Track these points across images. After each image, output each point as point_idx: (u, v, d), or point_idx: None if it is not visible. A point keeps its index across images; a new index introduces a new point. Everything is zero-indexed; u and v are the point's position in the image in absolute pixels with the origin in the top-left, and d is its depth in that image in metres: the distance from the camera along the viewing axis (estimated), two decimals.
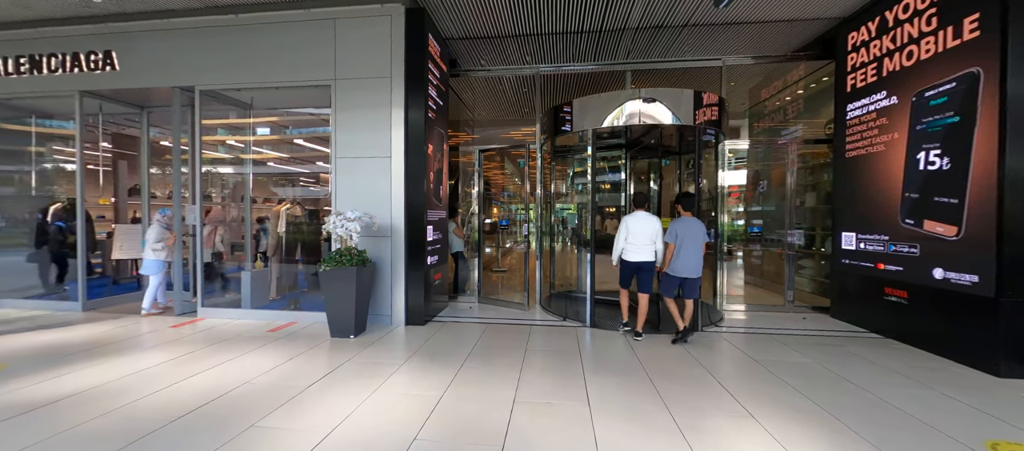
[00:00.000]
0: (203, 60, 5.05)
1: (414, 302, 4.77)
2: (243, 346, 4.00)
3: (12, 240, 6.18)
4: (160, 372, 3.34)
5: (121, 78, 5.23)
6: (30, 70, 5.38)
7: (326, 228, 4.36)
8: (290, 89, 5.04)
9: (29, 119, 6.29)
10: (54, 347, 3.97)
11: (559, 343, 4.19)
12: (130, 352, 3.83)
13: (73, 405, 2.75)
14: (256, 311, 5.13)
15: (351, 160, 4.79)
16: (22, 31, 5.30)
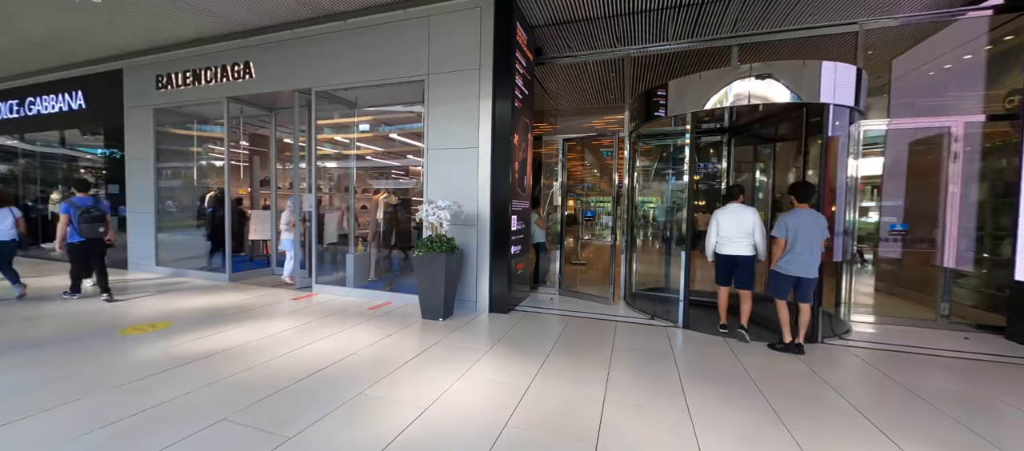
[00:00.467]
0: (318, 64, 5.67)
1: (498, 290, 4.86)
2: (349, 321, 4.44)
3: (179, 222, 7.65)
4: (287, 337, 3.84)
5: (256, 85, 6.10)
6: (193, 82, 6.55)
7: (418, 216, 4.63)
8: (389, 86, 5.42)
9: (191, 124, 7.68)
10: (208, 310, 4.81)
11: (648, 342, 3.94)
12: (264, 318, 4.48)
13: (225, 359, 3.28)
14: (358, 290, 5.68)
15: (441, 151, 5.01)
16: (189, 50, 6.45)
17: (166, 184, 7.40)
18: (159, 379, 2.88)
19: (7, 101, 8.57)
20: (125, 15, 5.56)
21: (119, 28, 6.02)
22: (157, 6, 5.27)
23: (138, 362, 3.19)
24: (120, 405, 2.50)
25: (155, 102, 6.90)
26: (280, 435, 2.20)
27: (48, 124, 8.22)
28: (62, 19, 5.80)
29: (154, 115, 6.99)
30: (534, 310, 5.09)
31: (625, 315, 4.91)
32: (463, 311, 4.90)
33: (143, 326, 4.11)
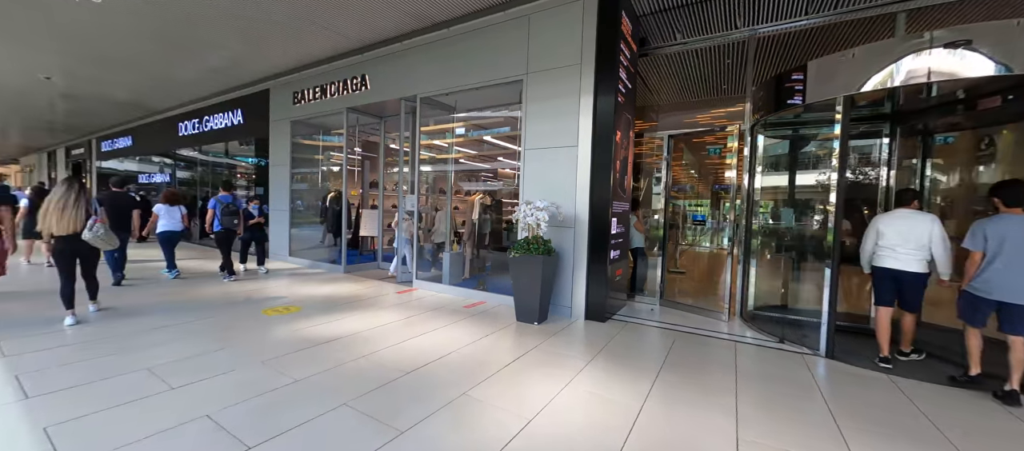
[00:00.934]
0: (422, 72, 6.00)
1: (595, 297, 4.59)
2: (447, 317, 4.56)
3: (306, 218, 8.77)
4: (393, 329, 4.07)
5: (370, 95, 6.70)
6: (320, 95, 7.45)
7: (514, 216, 4.58)
8: (487, 88, 5.50)
9: (317, 134, 8.76)
10: (328, 298, 5.36)
11: (782, 370, 3.33)
12: (373, 309, 4.84)
13: (343, 346, 3.56)
14: (453, 287, 5.87)
15: (539, 151, 4.91)
16: (319, 68, 7.35)
17: (296, 186, 8.54)
18: (293, 359, 3.22)
19: (191, 120, 10.76)
20: (275, 41, 6.51)
21: (269, 54, 7.08)
22: (299, 31, 6.06)
23: (277, 341, 3.62)
24: (264, 379, 2.82)
25: (292, 115, 8.02)
26: (393, 428, 2.25)
27: (217, 137, 10.11)
28: (235, 47, 7.02)
29: (291, 126, 8.11)
30: (634, 320, 4.70)
31: (746, 335, 4.26)
32: (558, 316, 4.72)
33: (280, 309, 4.71)
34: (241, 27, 5.97)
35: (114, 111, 12.37)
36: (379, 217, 8.00)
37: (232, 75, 8.41)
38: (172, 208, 6.39)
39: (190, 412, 2.35)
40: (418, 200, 6.18)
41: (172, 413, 2.34)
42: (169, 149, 12.35)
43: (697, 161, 9.44)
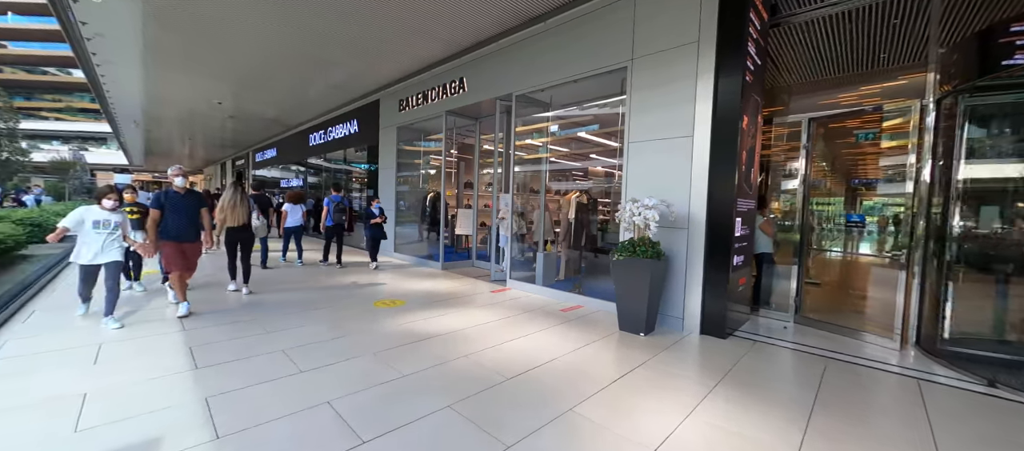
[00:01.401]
0: (518, 69, 5.93)
1: (713, 309, 3.98)
2: (544, 321, 4.37)
3: (409, 217, 9.40)
4: (492, 330, 4.01)
5: (467, 97, 6.86)
6: (422, 101, 7.89)
7: (618, 216, 4.20)
8: (586, 80, 5.19)
9: (418, 139, 9.34)
10: (429, 293, 5.57)
11: (1001, 430, 2.43)
12: (470, 307, 4.88)
13: (445, 343, 3.59)
14: (547, 289, 5.68)
15: (645, 143, 4.45)
16: (421, 76, 7.80)
17: (399, 188, 9.20)
18: (401, 352, 3.32)
19: (318, 131, 12.37)
20: (386, 54, 7.05)
21: (381, 67, 7.70)
22: (407, 41, 6.45)
23: (386, 333, 3.80)
24: (376, 371, 2.94)
25: (397, 121, 8.65)
26: (500, 442, 2.11)
27: (337, 145, 11.44)
28: (353, 64, 7.81)
29: (397, 132, 8.76)
30: (762, 339, 3.97)
31: (932, 372, 3.28)
32: (667, 328, 4.22)
33: (387, 302, 5.01)
34: (359, 44, 6.56)
35: (264, 127, 14.86)
36: (473, 216, 8.20)
37: (350, 89, 9.39)
38: (296, 206, 7.57)
39: (314, 397, 2.51)
40: (513, 199, 6.13)
41: (301, 396, 2.52)
42: (302, 157, 14.41)
43: (832, 151, 7.84)
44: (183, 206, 4.16)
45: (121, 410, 2.31)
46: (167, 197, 4.13)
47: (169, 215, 4.09)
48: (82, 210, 3.73)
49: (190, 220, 4.20)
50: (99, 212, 3.74)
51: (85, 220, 3.67)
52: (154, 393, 2.53)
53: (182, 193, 4.20)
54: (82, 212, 3.70)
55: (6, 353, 3.08)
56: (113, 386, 2.60)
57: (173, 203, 4.12)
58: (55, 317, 3.99)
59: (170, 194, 4.16)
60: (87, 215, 3.70)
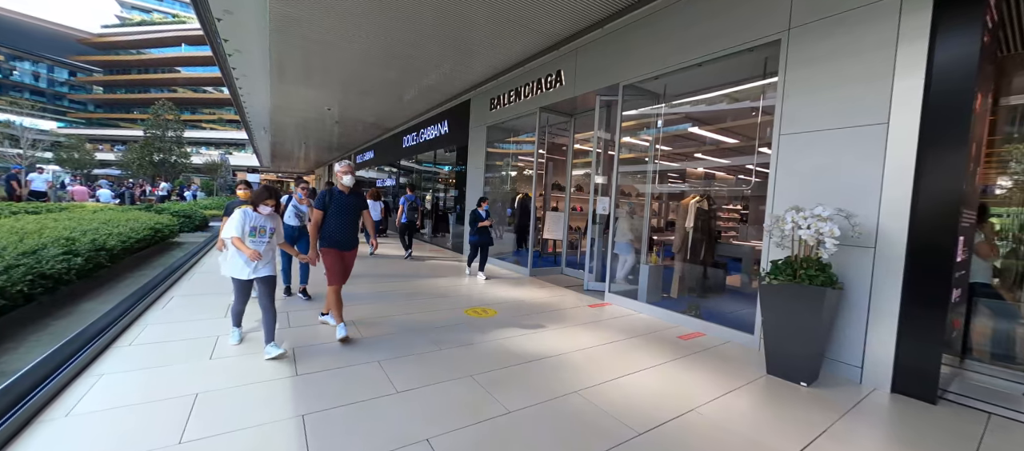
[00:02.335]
0: (626, 56, 5.22)
1: (915, 360, 2.90)
2: (661, 350, 3.64)
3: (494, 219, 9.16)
4: (602, 357, 3.41)
5: (565, 91, 6.32)
6: (514, 99, 7.55)
7: (769, 227, 3.30)
8: (715, 62, 4.32)
9: (506, 140, 9.06)
10: (520, 302, 5.14)
11: None
12: (568, 324, 4.32)
13: (551, 369, 3.08)
14: (653, 307, 4.89)
15: (806, 136, 3.47)
16: (514, 73, 7.46)
17: (487, 189, 9.00)
18: (503, 378, 2.89)
19: (410, 134, 12.87)
20: (479, 50, 6.85)
21: (473, 64, 7.55)
22: (499, 33, 6.15)
23: (483, 351, 3.42)
24: (477, 401, 2.53)
25: (488, 121, 8.45)
26: None
27: (428, 146, 11.74)
28: (447, 63, 7.81)
29: (487, 132, 8.58)
30: (997, 410, 2.77)
31: None
32: (836, 375, 3.21)
33: (478, 310, 4.68)
34: (455, 41, 6.42)
35: (364, 131, 16.02)
36: (564, 221, 7.64)
37: (442, 90, 9.46)
38: (375, 203, 8.70)
39: (412, 431, 2.17)
40: (616, 203, 5.44)
41: (397, 428, 2.20)
42: (396, 159, 15.21)
43: None
44: (349, 208, 3.63)
45: (224, 419, 2.19)
46: (332, 197, 3.56)
47: (332, 218, 3.55)
48: (240, 214, 3.15)
49: (354, 224, 3.72)
50: (256, 217, 3.19)
51: (244, 225, 3.15)
52: (249, 401, 2.41)
53: (347, 193, 3.64)
54: (241, 217, 3.14)
55: (145, 339, 3.31)
56: (222, 387, 2.55)
57: (339, 204, 3.57)
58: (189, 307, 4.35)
59: (336, 194, 3.59)
60: (246, 220, 3.16)
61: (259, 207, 3.19)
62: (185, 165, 33.32)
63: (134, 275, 5.44)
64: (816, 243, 2.88)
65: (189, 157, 33.98)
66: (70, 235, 4.59)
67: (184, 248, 8.07)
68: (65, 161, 34.69)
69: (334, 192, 3.60)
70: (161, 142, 31.75)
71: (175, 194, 22.12)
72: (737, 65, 4.34)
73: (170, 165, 31.82)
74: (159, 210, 10.44)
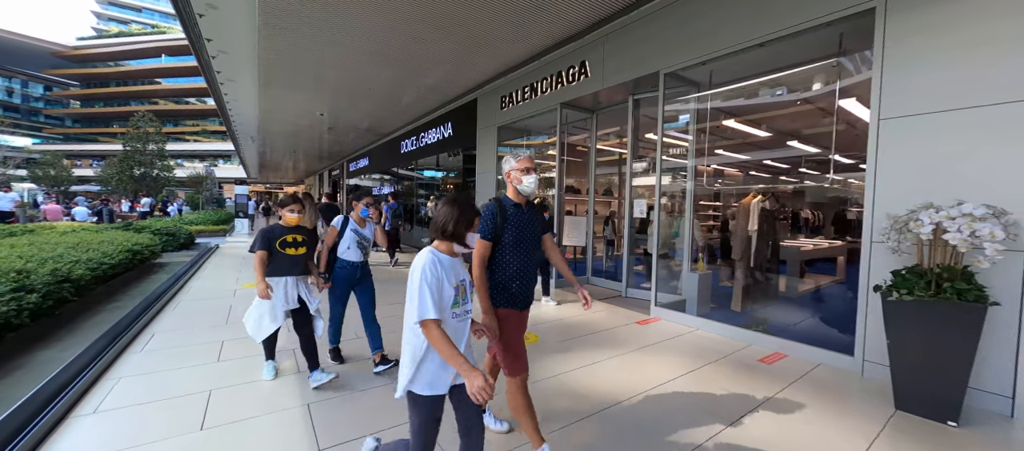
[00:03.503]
0: (667, 40, 4.66)
1: None
2: (752, 380, 3.04)
3: None
4: (687, 394, 2.79)
5: (590, 84, 5.73)
6: (530, 95, 6.95)
7: (884, 230, 2.73)
8: (782, 40, 3.76)
9: (520, 139, 8.46)
10: (559, 321, 4.51)
11: None
12: (626, 347, 3.69)
13: (638, 418, 2.45)
14: (707, 321, 4.30)
15: (918, 120, 2.91)
16: (529, 67, 6.86)
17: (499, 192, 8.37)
18: (584, 435, 2.26)
19: (410, 138, 12.18)
20: (496, 43, 6.22)
21: (479, 61, 6.93)
22: (514, 22, 5.54)
23: (545, 391, 2.80)
24: None
25: (499, 121, 7.83)
26: None
27: (430, 151, 11.06)
28: (443, 68, 7.18)
29: (497, 132, 7.95)
30: None
31: None
32: (981, 409, 2.63)
33: None
34: (466, 31, 5.79)
35: (358, 137, 15.28)
36: (588, 225, 7.04)
37: (445, 90, 8.83)
38: None
39: None
40: (659, 206, 4.85)
41: None
42: (394, 165, 14.50)
43: None
44: (532, 232, 2.13)
45: None
46: (506, 217, 2.04)
47: (509, 251, 2.03)
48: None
49: (536, 252, 2.21)
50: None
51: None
52: None
53: (526, 207, 2.14)
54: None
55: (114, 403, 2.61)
56: None
57: (519, 227, 2.06)
58: (171, 356, 3.63)
59: (506, 205, 2.09)
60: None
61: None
62: (168, 179, 32.04)
63: (107, 308, 4.68)
64: (970, 247, 2.30)
65: (172, 170, 32.69)
66: (24, 266, 3.82)
67: (168, 270, 7.28)
68: (41, 178, 33.16)
69: (504, 202, 2.09)
70: (142, 155, 30.47)
71: (158, 209, 21.03)
72: (815, 42, 3.79)
73: (152, 179, 30.53)
74: (139, 228, 9.59)
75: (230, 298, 5.32)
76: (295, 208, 2.87)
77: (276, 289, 2.78)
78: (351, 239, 3.19)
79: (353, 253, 3.18)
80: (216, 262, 8.43)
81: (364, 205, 3.25)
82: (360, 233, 3.23)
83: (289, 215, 2.87)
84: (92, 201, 22.23)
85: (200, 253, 9.10)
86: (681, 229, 5.09)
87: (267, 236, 2.79)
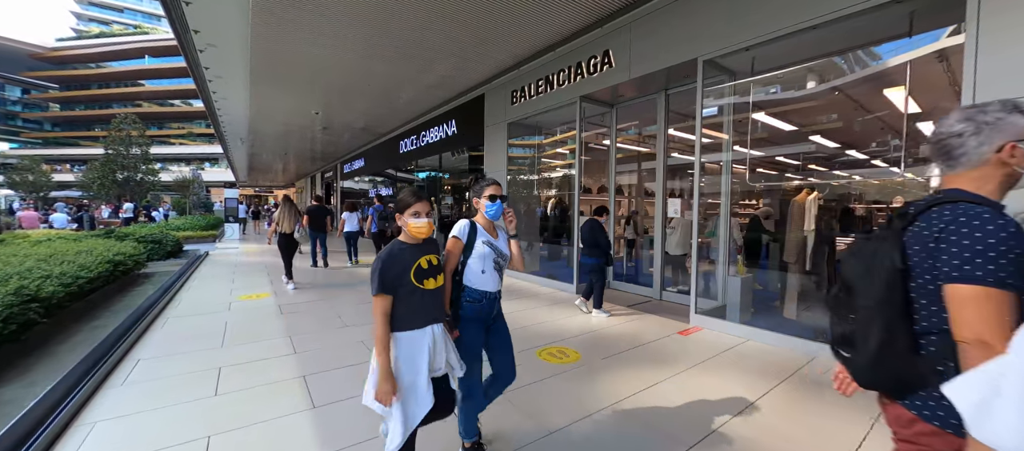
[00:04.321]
0: (705, 24, 4.28)
1: None
2: (833, 399, 2.64)
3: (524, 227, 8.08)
4: (770, 417, 2.38)
5: (614, 75, 5.33)
6: (544, 89, 6.53)
7: None
8: (837, 22, 3.39)
9: (531, 136, 8.02)
10: (594, 334, 4.09)
11: None
12: (678, 365, 3.29)
13: None
14: (753, 329, 3.94)
15: None
16: (544, 58, 6.43)
17: (508, 193, 7.93)
18: None
19: (410, 137, 11.68)
20: (510, 33, 5.79)
21: (494, 52, 6.48)
22: (539, 10, 5.12)
23: (615, 426, 2.35)
24: None
25: (509, 117, 7.40)
26: None
27: (432, 150, 10.57)
28: (449, 61, 6.73)
29: (507, 129, 7.52)
30: None
31: None
32: None
33: (553, 351, 3.61)
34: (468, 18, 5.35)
35: (353, 138, 14.71)
36: (610, 225, 6.63)
37: (449, 86, 8.36)
38: (352, 214, 8.71)
39: None
40: (697, 205, 4.46)
41: None
42: (392, 166, 13.98)
43: None
44: None
45: None
46: None
47: None
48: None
49: None
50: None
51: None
52: None
53: None
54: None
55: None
56: None
57: None
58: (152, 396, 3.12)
59: None
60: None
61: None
62: (153, 183, 30.98)
63: (84, 329, 4.15)
64: None
65: (157, 174, 31.62)
66: None
67: (155, 282, 6.71)
68: (18, 184, 31.86)
69: None
70: (125, 159, 29.41)
71: (142, 215, 20.17)
72: (862, 25, 3.43)
73: (136, 184, 29.48)
74: (122, 235, 8.95)
75: (225, 312, 4.81)
76: (422, 209, 1.72)
77: (418, 352, 1.66)
78: (486, 257, 1.96)
79: (489, 278, 1.98)
80: (207, 270, 7.86)
81: (491, 198, 2.00)
82: (495, 246, 2.00)
83: (415, 222, 1.70)
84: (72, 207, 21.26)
85: (189, 261, 8.51)
86: (718, 229, 4.71)
87: (390, 267, 1.64)
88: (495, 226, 2.08)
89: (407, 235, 1.74)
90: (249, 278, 7.07)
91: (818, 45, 3.98)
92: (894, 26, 3.48)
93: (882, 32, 3.58)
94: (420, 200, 1.72)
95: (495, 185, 2.04)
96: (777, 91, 4.53)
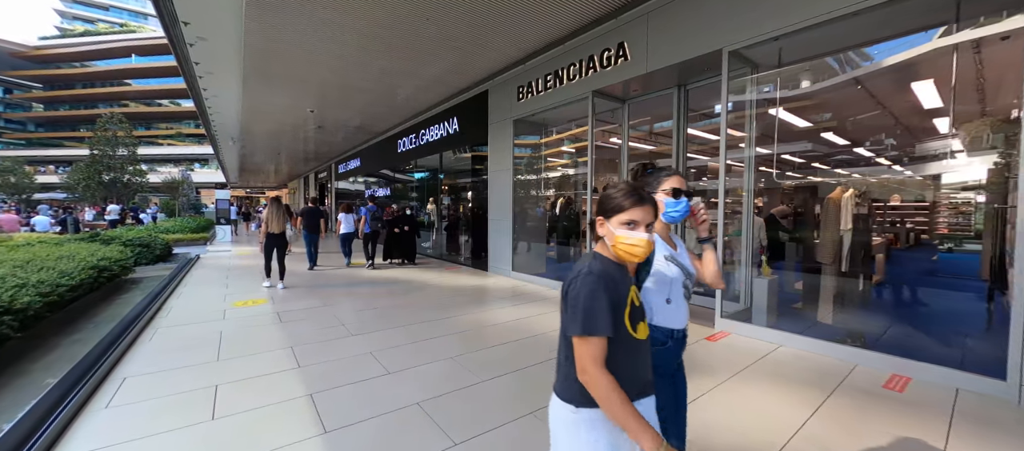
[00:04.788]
0: (728, 11, 4.06)
1: None
2: (890, 412, 2.43)
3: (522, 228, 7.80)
4: (831, 436, 2.15)
5: (631, 67, 5.09)
6: (554, 83, 6.28)
7: None
8: (877, 9, 3.19)
9: (538, 134, 7.77)
10: None
11: None
12: (711, 374, 3.06)
13: None
14: (788, 334, 3.73)
15: None
16: (552, 52, 6.18)
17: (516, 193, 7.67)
18: None
19: (408, 135, 11.37)
20: (509, 26, 5.53)
21: (494, 43, 6.19)
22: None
23: None
24: None
25: (515, 114, 7.14)
26: None
27: (433, 149, 10.26)
28: (451, 55, 6.45)
29: (513, 126, 7.26)
30: None
31: None
32: None
33: None
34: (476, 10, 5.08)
35: (349, 137, 14.34)
36: None
37: (448, 84, 8.09)
38: (348, 216, 8.75)
39: None
40: (722, 204, 4.24)
41: None
42: (390, 166, 13.64)
43: None
44: None
45: None
46: None
47: None
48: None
49: None
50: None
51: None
52: None
53: None
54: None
55: None
56: None
57: None
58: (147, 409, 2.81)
59: None
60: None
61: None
62: (141, 184, 30.22)
63: (64, 343, 3.81)
64: None
65: (144, 175, 30.85)
66: None
67: (143, 288, 6.34)
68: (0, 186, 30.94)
69: None
70: (111, 160, 28.63)
71: (129, 217, 19.57)
72: (904, 9, 3.24)
73: (123, 185, 28.72)
74: (107, 239, 8.54)
75: (219, 321, 4.49)
76: (643, 218, 1.10)
77: (624, 440, 1.09)
78: (673, 281, 1.43)
79: (676, 310, 1.43)
80: (198, 275, 7.49)
81: (674, 193, 1.44)
82: (680, 262, 1.46)
83: (628, 237, 1.09)
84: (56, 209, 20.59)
85: (179, 265, 8.12)
86: (741, 229, 4.50)
87: (614, 291, 1.08)
88: (669, 233, 1.50)
89: (610, 252, 1.13)
90: (243, 282, 6.74)
91: (850, 35, 3.79)
92: (932, 14, 3.29)
93: (923, 20, 3.38)
94: (640, 204, 1.09)
95: (678, 176, 1.47)
96: (807, 85, 4.32)
